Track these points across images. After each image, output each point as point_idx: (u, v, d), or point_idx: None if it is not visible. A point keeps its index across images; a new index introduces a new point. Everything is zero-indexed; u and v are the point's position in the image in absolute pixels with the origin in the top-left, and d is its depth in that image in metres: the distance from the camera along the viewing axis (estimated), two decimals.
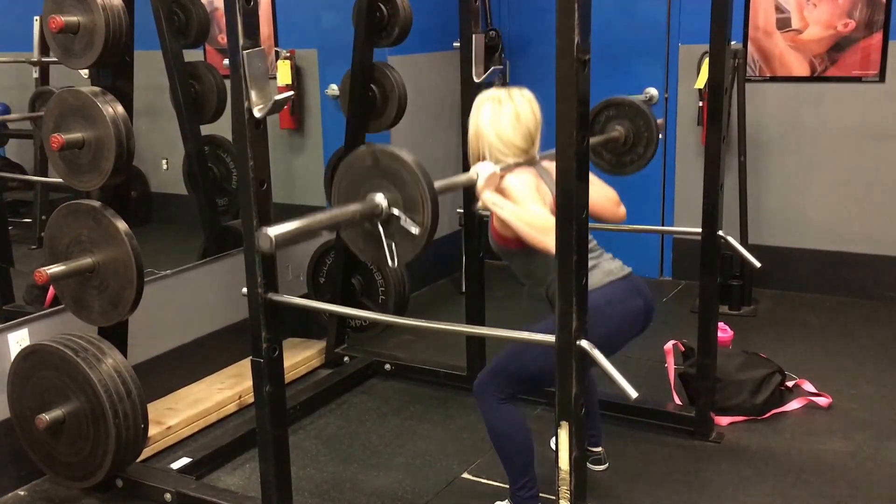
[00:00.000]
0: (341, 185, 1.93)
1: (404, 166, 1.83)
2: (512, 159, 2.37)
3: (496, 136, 2.38)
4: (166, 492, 2.69)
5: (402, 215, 1.84)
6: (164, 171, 4.17)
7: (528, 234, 2.21)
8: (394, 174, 1.84)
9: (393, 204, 1.86)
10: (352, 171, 1.91)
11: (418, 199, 1.82)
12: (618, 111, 3.01)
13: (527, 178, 2.34)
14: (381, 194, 1.86)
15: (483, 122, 2.40)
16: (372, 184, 1.87)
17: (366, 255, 1.96)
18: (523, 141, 2.39)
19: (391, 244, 1.87)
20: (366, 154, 1.89)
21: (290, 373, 3.54)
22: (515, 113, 2.39)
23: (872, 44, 4.19)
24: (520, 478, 2.47)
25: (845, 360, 3.71)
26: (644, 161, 3.03)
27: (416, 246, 1.85)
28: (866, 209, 4.36)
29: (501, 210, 2.25)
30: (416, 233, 1.83)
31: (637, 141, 3.01)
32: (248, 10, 2.06)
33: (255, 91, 2.09)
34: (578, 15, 1.67)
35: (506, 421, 2.43)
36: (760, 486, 2.77)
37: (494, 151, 2.39)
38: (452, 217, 4.88)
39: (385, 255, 1.89)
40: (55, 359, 2.59)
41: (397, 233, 1.87)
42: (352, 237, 1.96)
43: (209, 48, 4.07)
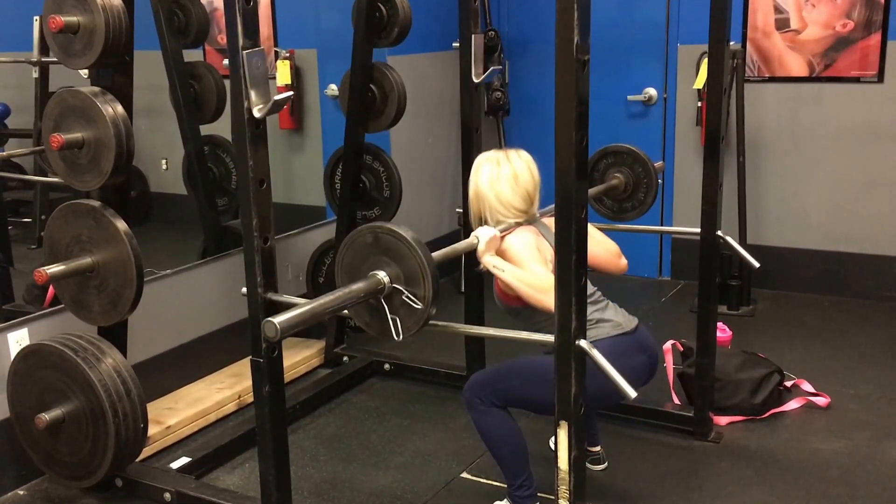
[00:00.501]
0: (344, 262, 2.01)
1: (403, 242, 1.91)
2: (512, 220, 2.43)
3: (495, 197, 2.44)
4: (166, 491, 2.69)
5: (404, 290, 1.92)
6: (164, 170, 4.17)
7: (529, 294, 2.26)
8: (394, 250, 1.92)
9: (394, 279, 1.93)
10: (353, 248, 1.99)
11: (418, 272, 1.90)
12: (616, 159, 3.08)
13: (527, 238, 2.38)
14: (382, 272, 1.94)
15: (483, 184, 2.46)
16: (373, 261, 1.95)
17: (371, 329, 2.03)
18: (522, 202, 2.45)
19: (395, 319, 1.95)
20: (366, 232, 1.96)
21: (289, 372, 3.55)
22: (514, 174, 2.44)
23: (871, 44, 4.19)
24: (516, 478, 2.48)
25: (844, 360, 3.72)
26: (645, 207, 3.10)
27: (419, 319, 1.93)
28: (865, 209, 4.37)
29: (503, 273, 2.31)
30: (418, 307, 1.91)
31: (637, 187, 3.07)
32: (247, 10, 2.06)
33: (254, 91, 2.09)
34: (578, 15, 1.67)
35: (495, 424, 2.45)
36: (759, 485, 2.77)
37: (494, 213, 2.45)
38: (452, 217, 4.90)
39: (390, 328, 1.96)
40: (55, 358, 2.59)
41: (401, 306, 1.94)
42: (357, 312, 2.02)
43: (209, 48, 4.07)
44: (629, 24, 4.67)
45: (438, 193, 4.94)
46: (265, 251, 2.22)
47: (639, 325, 2.49)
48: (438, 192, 4.94)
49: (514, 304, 2.42)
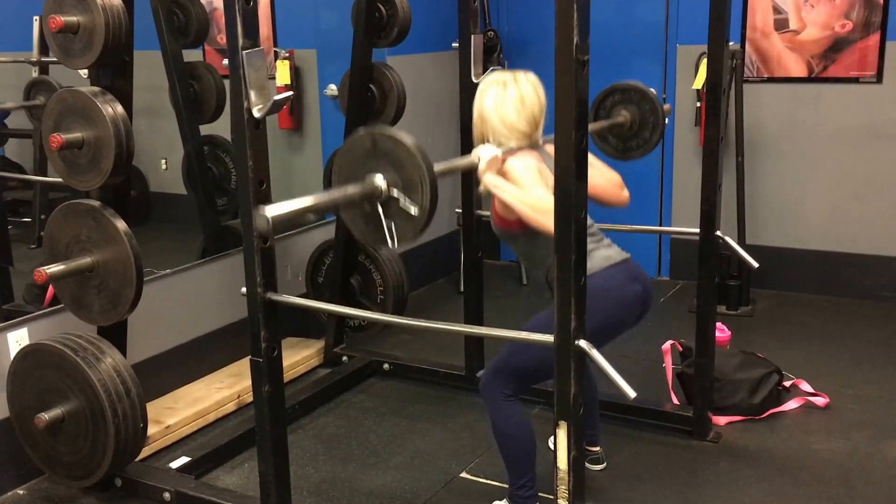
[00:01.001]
0: (341, 167, 1.93)
1: (402, 149, 1.83)
2: (515, 143, 2.37)
3: (500, 120, 2.38)
4: (165, 491, 2.69)
5: (401, 196, 1.84)
6: (164, 170, 4.17)
7: (529, 216, 2.20)
8: (393, 156, 1.85)
9: (392, 185, 1.86)
10: (351, 153, 1.92)
11: (417, 180, 1.83)
12: (623, 96, 3.00)
13: (529, 162, 2.32)
14: (380, 175, 1.87)
15: (487, 106, 2.40)
16: (371, 166, 1.88)
17: (366, 237, 1.96)
18: (527, 125, 2.38)
19: (391, 225, 1.87)
20: (365, 137, 1.89)
21: (288, 372, 3.55)
22: (520, 97, 2.38)
23: (870, 45, 4.20)
24: (520, 477, 2.47)
25: (842, 361, 3.72)
26: (650, 146, 3.01)
27: (416, 227, 1.85)
28: (863, 209, 4.37)
29: (503, 193, 2.25)
30: (415, 213, 1.84)
31: (643, 126, 2.99)
32: (247, 10, 2.06)
33: (254, 91, 2.09)
34: (577, 15, 1.67)
35: (511, 419, 2.43)
36: (758, 485, 2.78)
37: (498, 135, 2.39)
38: (451, 217, 4.90)
39: (385, 236, 1.89)
40: (54, 358, 2.59)
41: (397, 214, 1.87)
42: (352, 219, 1.96)
43: (208, 48, 4.07)
44: (628, 25, 4.67)
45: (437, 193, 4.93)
46: (265, 251, 2.22)
47: (630, 257, 2.47)
48: (438, 192, 4.93)
49: (512, 229, 2.37)
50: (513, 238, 2.43)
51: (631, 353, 3.76)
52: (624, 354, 3.71)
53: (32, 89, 3.72)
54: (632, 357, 3.72)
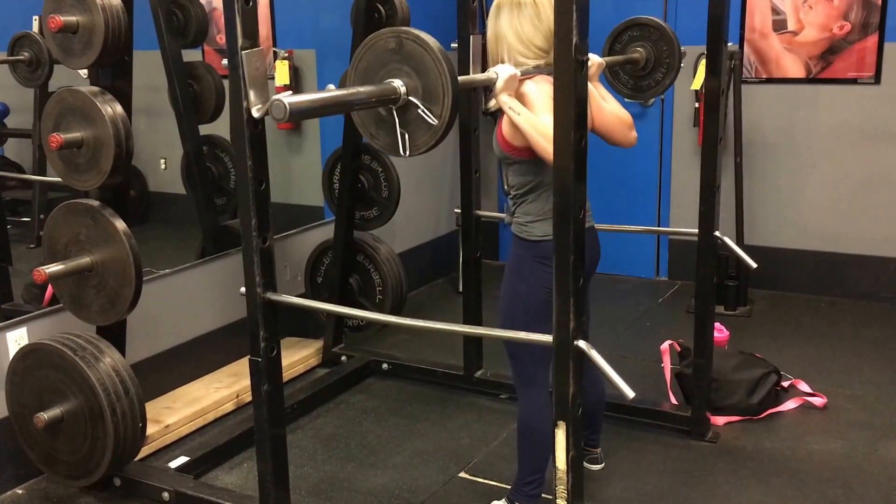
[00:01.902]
0: (359, 67, 1.85)
1: (429, 52, 1.75)
2: (532, 62, 2.32)
3: (516, 36, 2.32)
4: (164, 490, 2.69)
5: (419, 104, 1.77)
6: (163, 170, 4.17)
7: (538, 142, 2.16)
8: (417, 61, 1.77)
9: (412, 92, 1.79)
10: (372, 52, 1.83)
11: (440, 89, 1.76)
12: (642, 32, 2.93)
13: (545, 88, 2.26)
14: (399, 80, 1.79)
15: (503, 24, 2.34)
16: (392, 68, 1.80)
17: (377, 141, 1.89)
18: (545, 41, 2.31)
19: (404, 133, 1.81)
20: (389, 36, 1.81)
21: (287, 372, 3.55)
22: (536, 12, 2.30)
23: (868, 46, 4.21)
24: (531, 474, 2.46)
25: (840, 361, 3.73)
26: (662, 88, 2.94)
27: (432, 138, 1.79)
28: (861, 210, 4.38)
29: (518, 116, 2.20)
30: (434, 123, 1.77)
31: (657, 65, 2.92)
32: (246, 10, 2.06)
33: (253, 91, 2.09)
34: (577, 16, 1.68)
35: (540, 412, 2.40)
36: (756, 485, 2.78)
37: (514, 53, 2.33)
38: (449, 217, 4.91)
39: (397, 143, 1.82)
40: (53, 358, 2.60)
41: (412, 122, 1.80)
42: (364, 121, 1.88)
43: (207, 48, 4.07)
44: None
45: (437, 193, 4.95)
46: (264, 251, 2.22)
47: (591, 227, 2.43)
48: (437, 193, 4.95)
49: (513, 154, 2.33)
50: (510, 162, 2.37)
51: (629, 353, 3.77)
52: (623, 354, 3.72)
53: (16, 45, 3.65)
54: (630, 357, 3.73)
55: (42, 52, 3.46)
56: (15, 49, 3.61)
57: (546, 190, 2.30)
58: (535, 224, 2.35)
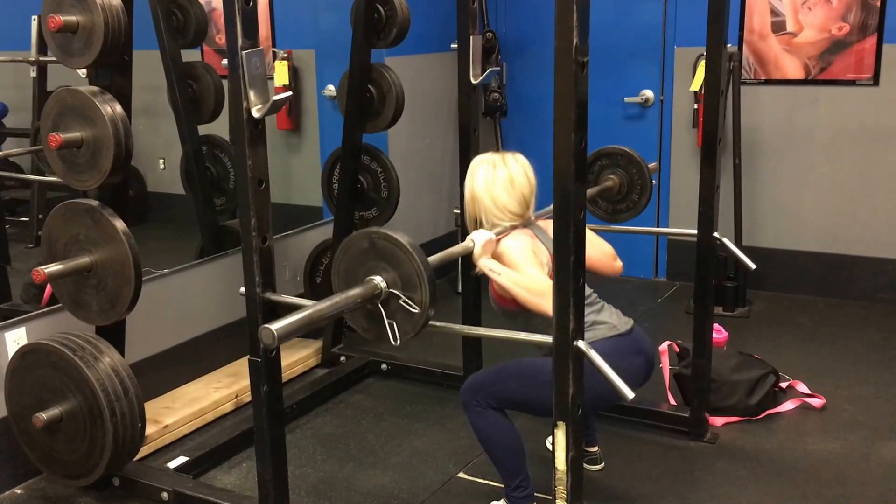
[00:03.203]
0: (340, 268, 2.00)
1: (400, 247, 1.91)
2: (507, 223, 2.44)
3: (491, 201, 2.45)
4: (163, 490, 2.69)
5: (401, 295, 1.92)
6: (162, 170, 4.17)
7: (525, 298, 2.27)
8: (390, 255, 1.92)
9: (391, 285, 1.93)
10: (349, 254, 1.99)
11: (416, 279, 1.90)
12: (611, 160, 3.10)
13: (522, 241, 2.39)
14: (379, 277, 1.94)
15: (479, 187, 2.47)
16: (369, 265, 1.95)
17: (369, 334, 2.03)
18: (518, 206, 2.46)
19: (392, 324, 1.95)
20: (362, 238, 1.96)
21: (286, 372, 3.55)
22: (510, 178, 2.45)
23: (866, 47, 4.21)
24: (513, 479, 2.48)
25: (839, 362, 3.73)
26: (639, 208, 3.12)
27: (417, 324, 1.93)
28: (860, 211, 4.38)
29: (499, 277, 2.31)
30: (415, 312, 1.91)
31: (631, 189, 3.09)
32: (246, 10, 2.07)
33: (253, 91, 2.10)
34: (577, 17, 1.68)
35: (492, 425, 2.45)
36: (754, 485, 2.78)
37: (490, 216, 2.46)
38: (449, 217, 4.91)
39: (388, 334, 1.96)
40: (52, 357, 2.59)
41: (398, 311, 1.94)
42: (355, 317, 2.02)
43: (207, 48, 4.07)
44: (626, 27, 4.68)
45: (436, 194, 4.95)
46: (263, 251, 2.22)
47: (634, 326, 2.50)
48: (436, 193, 4.95)
49: (510, 307, 2.43)
50: (512, 315, 2.47)
51: None
52: None
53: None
54: None
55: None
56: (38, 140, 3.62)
57: None
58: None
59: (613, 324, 2.45)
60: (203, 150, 3.88)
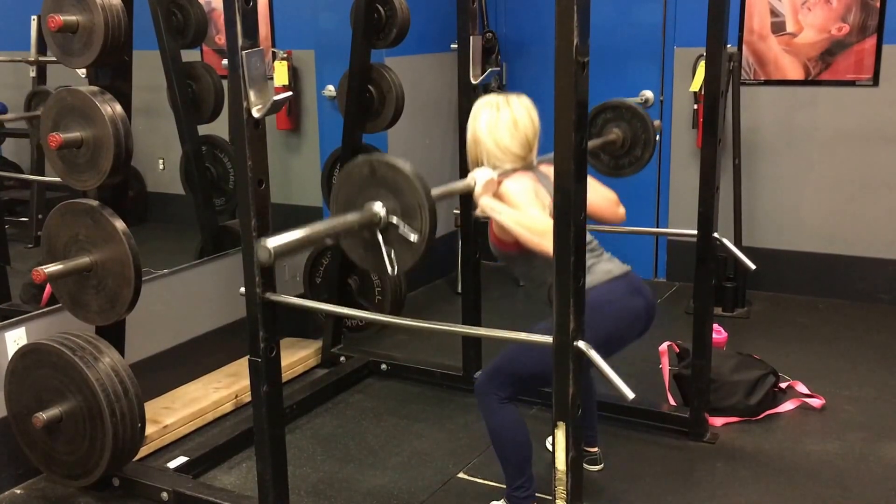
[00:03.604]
0: (339, 195, 1.95)
1: (401, 175, 1.85)
2: (509, 165, 2.39)
3: (494, 143, 2.40)
4: (163, 491, 2.69)
5: (400, 223, 1.86)
6: (161, 170, 4.17)
7: (527, 238, 2.22)
8: (391, 183, 1.87)
9: (391, 212, 1.88)
10: (349, 181, 1.94)
11: (416, 206, 1.85)
12: (615, 114, 3.04)
13: (525, 183, 2.34)
14: (379, 203, 1.89)
15: (481, 129, 2.42)
16: (370, 193, 1.90)
17: (366, 263, 1.98)
18: (521, 148, 2.41)
19: (390, 252, 1.90)
20: (363, 164, 1.91)
21: (286, 372, 3.55)
22: (513, 120, 2.40)
23: (866, 48, 4.21)
24: (517, 478, 2.48)
25: (838, 362, 3.73)
26: (642, 163, 3.06)
27: (415, 253, 1.87)
28: (859, 212, 4.38)
29: (500, 215, 2.26)
30: (414, 240, 1.86)
31: (634, 143, 3.04)
32: (247, 10, 2.07)
33: (253, 91, 2.09)
34: (578, 17, 1.68)
35: (506, 421, 2.43)
36: (754, 486, 2.78)
37: (492, 158, 2.41)
38: (448, 218, 4.90)
39: (385, 263, 1.91)
40: (52, 357, 2.59)
41: (396, 241, 1.89)
42: (351, 246, 1.98)
43: (206, 48, 4.07)
44: (626, 27, 4.68)
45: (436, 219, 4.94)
46: None
47: (631, 270, 2.48)
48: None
49: (510, 250, 2.38)
50: (511, 259, 2.44)
51: (628, 355, 3.73)
52: (621, 356, 3.71)
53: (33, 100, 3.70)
54: (629, 358, 3.71)
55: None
56: (32, 104, 3.63)
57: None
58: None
59: (609, 268, 2.43)
60: (203, 151, 3.88)
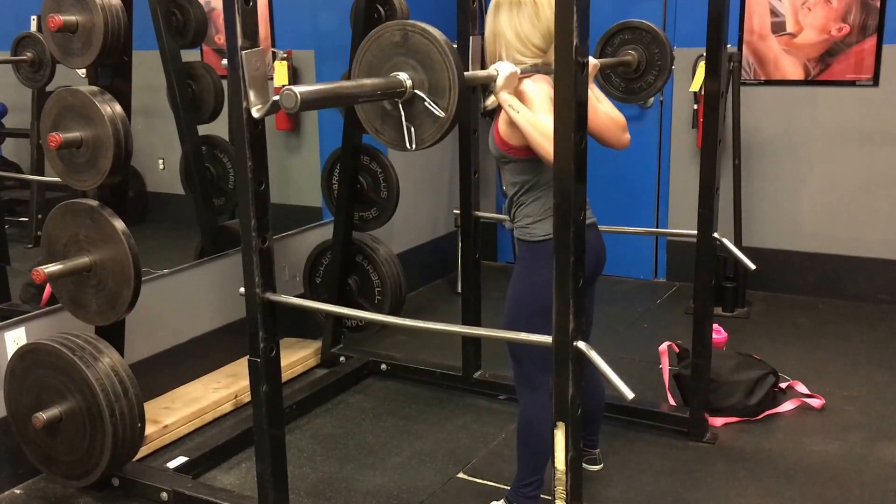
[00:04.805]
0: (364, 60, 1.84)
1: (436, 45, 1.74)
2: (530, 60, 2.32)
3: (514, 33, 2.32)
4: (162, 491, 2.69)
5: (426, 97, 1.76)
6: (161, 170, 4.17)
7: (536, 140, 2.16)
8: (423, 54, 1.76)
9: (417, 86, 1.78)
10: (377, 45, 1.82)
11: (446, 83, 1.75)
12: (633, 35, 2.95)
13: (543, 87, 2.27)
14: (405, 73, 1.79)
15: (501, 22, 2.34)
16: (397, 62, 1.79)
17: (382, 136, 1.88)
18: (542, 40, 2.32)
19: (410, 127, 1.80)
20: (395, 28, 1.80)
21: (286, 372, 3.54)
22: (535, 10, 2.31)
23: (866, 48, 4.21)
24: (530, 475, 2.46)
25: (838, 362, 3.73)
26: (654, 90, 2.97)
27: (438, 131, 1.78)
28: (859, 212, 4.38)
29: (517, 113, 2.21)
30: (440, 115, 1.76)
31: (649, 68, 2.95)
32: (246, 10, 2.07)
33: (253, 91, 2.09)
34: (577, 18, 1.68)
35: (542, 416, 2.38)
36: (754, 486, 2.78)
37: (512, 51, 2.34)
38: (448, 218, 4.91)
39: (403, 136, 1.81)
40: (52, 357, 2.59)
41: (418, 116, 1.79)
42: (369, 116, 1.87)
43: (206, 48, 4.07)
44: None
45: (436, 194, 4.95)
46: (263, 251, 2.22)
47: (593, 223, 2.43)
48: (436, 194, 4.95)
49: (510, 153, 2.33)
50: (506, 161, 2.37)
51: (628, 355, 3.77)
52: (621, 355, 3.72)
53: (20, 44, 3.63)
54: (629, 358, 3.73)
55: (45, 53, 3.45)
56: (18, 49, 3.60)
57: (545, 189, 2.31)
58: (537, 224, 2.34)
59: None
60: (202, 151, 3.87)
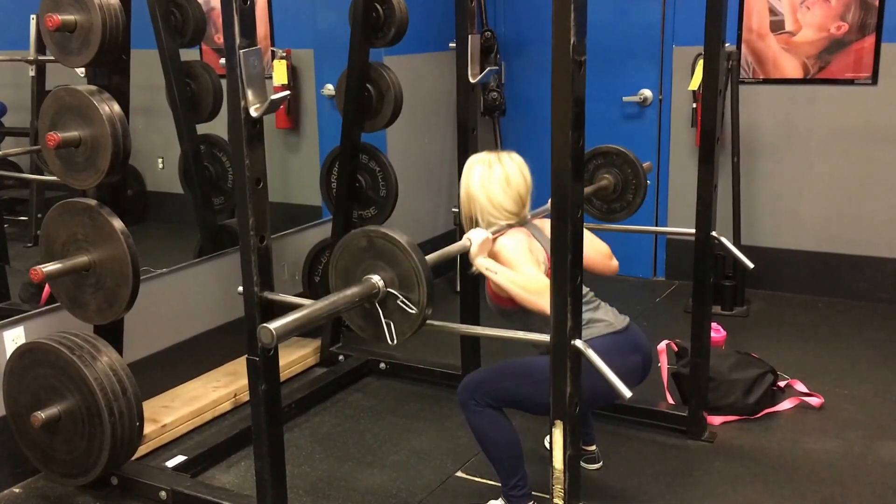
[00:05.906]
0: (338, 266, 2.00)
1: (398, 246, 1.90)
2: (503, 221, 2.44)
3: (487, 199, 2.45)
4: (161, 490, 2.69)
5: (398, 294, 1.91)
6: (160, 169, 4.17)
7: (522, 297, 2.27)
8: (388, 254, 1.92)
9: (389, 284, 1.93)
10: (347, 251, 1.98)
11: (413, 278, 1.90)
12: (606, 160, 3.12)
13: (519, 239, 2.39)
14: (377, 276, 1.93)
15: (474, 186, 2.47)
16: (367, 263, 1.95)
17: (365, 333, 2.02)
18: (514, 205, 2.46)
19: (389, 323, 1.94)
20: (360, 236, 1.96)
21: (284, 371, 3.55)
22: (505, 177, 2.45)
23: (865, 46, 4.21)
24: (510, 477, 2.48)
25: (837, 361, 3.73)
26: (633, 208, 3.15)
27: (414, 324, 1.92)
28: (858, 211, 4.39)
29: (496, 275, 2.31)
30: (413, 312, 1.90)
31: (626, 188, 3.12)
32: (245, 9, 2.07)
33: (251, 90, 2.10)
34: (574, 16, 1.68)
35: (489, 424, 2.45)
36: (752, 484, 2.79)
37: (486, 214, 2.46)
38: (447, 216, 4.91)
39: (384, 333, 1.95)
40: (51, 357, 2.59)
41: (395, 310, 1.93)
42: (352, 316, 2.02)
43: (205, 47, 4.07)
44: (624, 26, 4.68)
45: (434, 193, 4.95)
46: (262, 250, 2.22)
47: (630, 323, 2.50)
48: (434, 192, 4.95)
49: (507, 306, 2.43)
50: (509, 314, 2.47)
51: None
52: None
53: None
54: None
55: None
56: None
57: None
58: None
59: (609, 321, 2.45)
60: (201, 150, 3.88)
